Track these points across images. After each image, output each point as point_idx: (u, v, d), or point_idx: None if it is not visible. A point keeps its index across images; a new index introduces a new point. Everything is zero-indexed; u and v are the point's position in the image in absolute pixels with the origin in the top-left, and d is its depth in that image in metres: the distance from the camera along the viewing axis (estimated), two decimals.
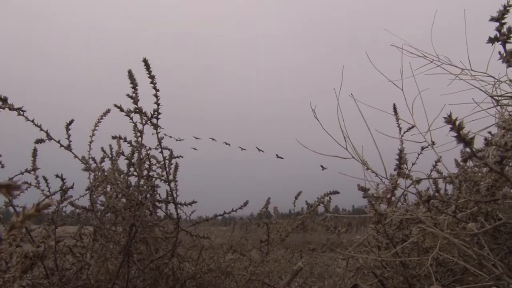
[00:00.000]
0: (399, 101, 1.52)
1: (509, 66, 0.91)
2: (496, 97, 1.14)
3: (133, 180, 1.72)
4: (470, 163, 1.21)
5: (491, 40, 0.92)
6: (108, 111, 1.71)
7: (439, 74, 1.29)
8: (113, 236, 1.63)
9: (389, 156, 1.44)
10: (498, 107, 1.19)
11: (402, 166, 1.36)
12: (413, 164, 1.55)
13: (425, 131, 1.26)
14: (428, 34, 1.37)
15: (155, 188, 1.70)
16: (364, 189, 1.37)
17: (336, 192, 1.94)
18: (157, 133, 1.56)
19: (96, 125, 1.72)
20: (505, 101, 1.13)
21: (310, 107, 1.44)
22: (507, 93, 1.12)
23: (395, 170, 1.44)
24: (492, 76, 1.19)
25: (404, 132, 1.56)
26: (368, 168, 1.41)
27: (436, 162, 1.46)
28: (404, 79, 1.35)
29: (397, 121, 1.61)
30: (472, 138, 0.75)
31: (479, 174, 1.13)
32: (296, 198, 2.19)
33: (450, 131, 0.73)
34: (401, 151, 1.38)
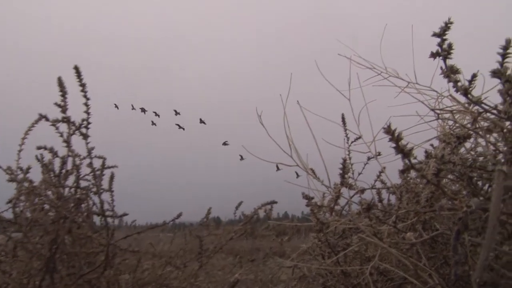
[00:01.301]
0: (347, 111, 1.53)
1: (449, 81, 0.94)
2: (437, 111, 1.18)
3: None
4: (412, 174, 1.24)
5: (433, 55, 0.95)
6: (39, 118, 1.59)
7: (386, 86, 1.32)
8: (38, 251, 1.51)
9: (337, 165, 1.45)
10: (440, 121, 1.23)
11: (345, 175, 1.37)
12: (359, 174, 1.58)
13: (371, 141, 1.28)
14: (378, 48, 1.40)
15: (85, 200, 1.61)
16: (308, 198, 1.37)
17: (273, 202, 1.95)
18: (87, 143, 1.51)
19: (26, 133, 1.59)
20: (446, 115, 1.17)
21: (256, 113, 1.43)
22: (448, 107, 1.17)
23: (339, 179, 1.45)
24: (435, 91, 1.24)
25: (351, 142, 1.58)
26: (314, 177, 1.42)
27: (380, 172, 1.49)
28: (353, 89, 1.37)
29: (345, 131, 1.62)
30: (411, 150, 0.75)
31: (420, 185, 1.16)
32: (236, 208, 2.19)
33: (389, 141, 0.73)
34: (344, 160, 1.39)
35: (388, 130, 0.71)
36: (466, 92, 0.91)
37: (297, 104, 1.43)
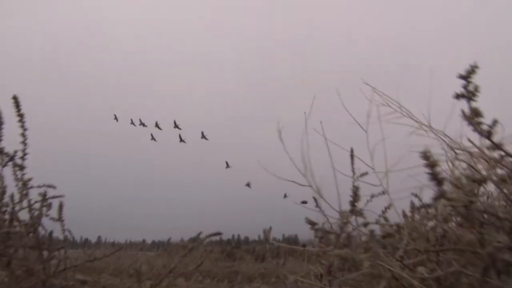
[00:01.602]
0: (361, 142, 1.54)
1: (470, 124, 0.96)
2: (457, 150, 1.20)
3: None
4: (416, 216, 1.27)
5: (458, 96, 0.96)
6: None
7: (401, 124, 1.37)
8: None
9: (346, 189, 1.44)
10: (450, 163, 1.25)
11: (355, 203, 1.35)
12: (368, 202, 1.57)
13: (383, 175, 1.29)
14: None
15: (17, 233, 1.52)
16: (311, 223, 1.36)
17: (218, 234, 2.01)
18: (22, 175, 1.43)
19: None
20: (462, 157, 1.18)
21: (277, 130, 1.45)
22: (466, 148, 1.17)
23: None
24: (448, 136, 1.27)
25: (361, 175, 1.58)
26: (324, 201, 1.43)
27: (385, 208, 1.49)
28: (365, 121, 1.40)
29: (352, 165, 1.64)
30: (444, 178, 0.75)
31: (426, 226, 1.18)
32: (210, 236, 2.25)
33: (425, 167, 0.73)
34: (356, 187, 1.36)
35: (425, 156, 0.70)
36: (489, 135, 0.92)
37: (311, 127, 1.46)
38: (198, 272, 9.21)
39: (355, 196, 1.33)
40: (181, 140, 12.95)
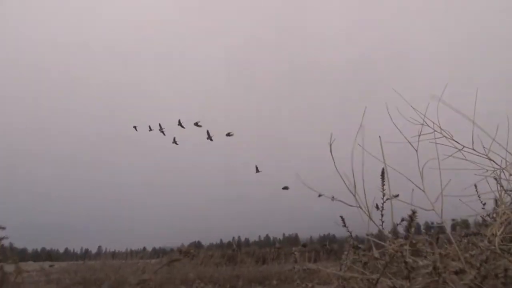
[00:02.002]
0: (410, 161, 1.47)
1: None
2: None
3: None
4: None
5: None
6: None
7: (443, 145, 1.38)
8: None
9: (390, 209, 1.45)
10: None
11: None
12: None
13: (435, 199, 1.26)
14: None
15: None
16: (355, 247, 1.45)
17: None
18: None
19: None
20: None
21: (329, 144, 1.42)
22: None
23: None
24: (493, 160, 1.30)
25: (389, 197, 1.52)
26: (375, 224, 1.39)
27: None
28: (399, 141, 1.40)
29: (383, 186, 1.63)
30: None
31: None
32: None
33: None
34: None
35: None
36: None
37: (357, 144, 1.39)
38: (199, 279, 9.25)
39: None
40: (209, 137, 12.64)
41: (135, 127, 13.64)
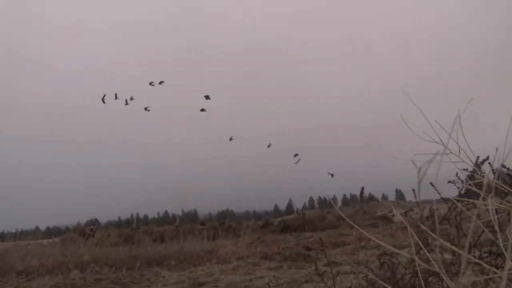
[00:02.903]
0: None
1: None
2: None
3: None
4: None
5: None
6: None
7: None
8: None
9: None
10: None
11: None
12: None
13: None
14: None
15: None
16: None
17: None
18: None
19: None
20: None
21: None
22: None
23: None
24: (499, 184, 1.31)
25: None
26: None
27: None
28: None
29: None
30: None
31: None
32: None
33: None
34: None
35: None
36: None
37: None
38: (94, 261, 9.03)
39: None
40: (146, 108, 12.12)
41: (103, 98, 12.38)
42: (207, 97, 12.17)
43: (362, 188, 9.75)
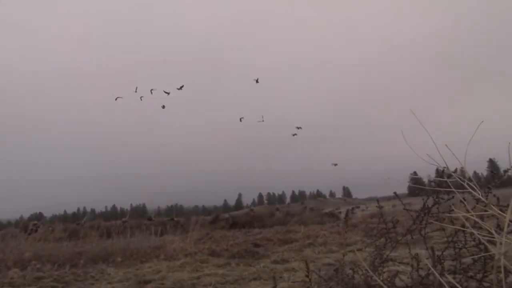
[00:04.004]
0: None
1: None
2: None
3: None
4: None
5: None
6: None
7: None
8: None
9: None
10: None
11: None
12: None
13: None
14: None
15: None
16: None
17: None
18: None
19: None
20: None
21: None
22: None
23: None
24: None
25: None
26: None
27: None
28: None
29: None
30: None
31: None
32: None
33: None
34: None
35: None
36: None
37: None
38: (36, 259, 8.68)
39: None
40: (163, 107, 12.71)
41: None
42: (257, 81, 13.48)
43: None
